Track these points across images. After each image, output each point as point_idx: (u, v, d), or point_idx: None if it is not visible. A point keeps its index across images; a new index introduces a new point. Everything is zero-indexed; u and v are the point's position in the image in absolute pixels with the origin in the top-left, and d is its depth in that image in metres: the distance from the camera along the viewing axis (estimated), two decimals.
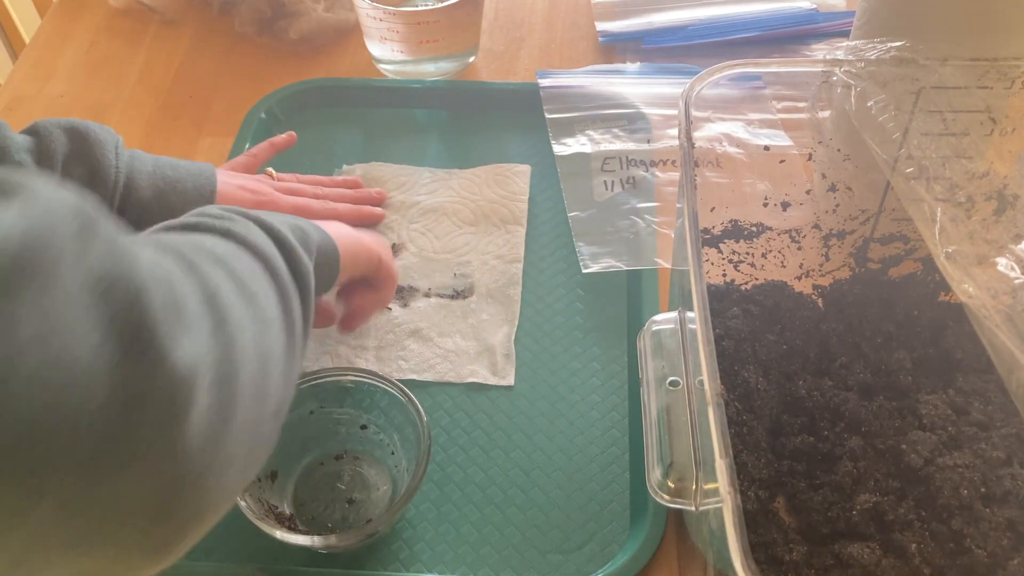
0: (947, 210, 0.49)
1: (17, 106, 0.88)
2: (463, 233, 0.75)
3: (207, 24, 0.96)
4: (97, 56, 0.93)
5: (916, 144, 0.53)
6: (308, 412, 0.60)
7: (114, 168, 0.63)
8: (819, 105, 0.61)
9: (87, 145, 0.63)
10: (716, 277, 0.65)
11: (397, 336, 0.68)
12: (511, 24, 0.95)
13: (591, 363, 0.67)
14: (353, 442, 0.61)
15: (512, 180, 0.79)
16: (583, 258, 0.72)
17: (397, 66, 0.87)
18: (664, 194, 0.76)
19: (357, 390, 0.60)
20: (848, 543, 0.50)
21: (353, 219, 0.74)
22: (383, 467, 0.60)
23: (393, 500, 0.58)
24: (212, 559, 0.58)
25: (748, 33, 0.90)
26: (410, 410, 0.57)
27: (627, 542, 0.57)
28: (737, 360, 0.57)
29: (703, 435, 0.44)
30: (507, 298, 0.71)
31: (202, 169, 0.68)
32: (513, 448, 0.63)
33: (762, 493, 0.52)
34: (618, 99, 0.83)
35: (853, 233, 0.64)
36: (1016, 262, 0.48)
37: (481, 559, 0.57)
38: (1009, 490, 0.50)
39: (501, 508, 0.60)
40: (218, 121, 0.86)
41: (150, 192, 0.65)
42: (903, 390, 0.58)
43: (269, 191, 0.70)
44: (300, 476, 0.60)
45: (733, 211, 0.63)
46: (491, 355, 0.67)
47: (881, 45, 0.55)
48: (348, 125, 0.85)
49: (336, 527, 0.58)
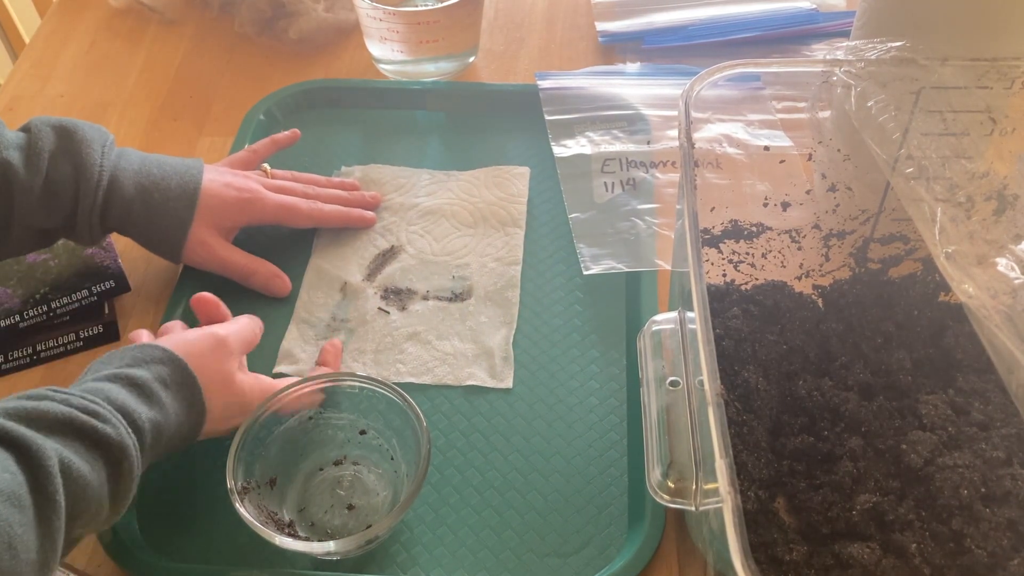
0: (947, 210, 0.49)
1: (17, 106, 0.88)
2: (462, 235, 0.75)
3: (207, 24, 0.96)
4: (97, 56, 0.93)
5: (916, 144, 0.53)
6: (307, 418, 0.60)
7: (98, 166, 0.64)
8: (819, 105, 0.61)
9: (74, 143, 0.63)
10: (716, 277, 0.65)
11: (395, 339, 0.68)
12: (511, 24, 0.95)
13: (589, 366, 0.67)
14: (353, 447, 0.61)
15: (511, 182, 0.79)
16: (584, 260, 0.72)
17: (397, 66, 0.87)
18: (664, 195, 0.76)
19: (356, 395, 0.59)
20: (848, 543, 0.50)
21: (340, 222, 0.75)
22: (383, 472, 0.60)
23: (393, 505, 0.57)
24: (213, 564, 0.58)
25: (748, 33, 0.90)
26: (409, 415, 0.57)
27: (625, 545, 0.57)
28: (737, 360, 0.57)
29: (703, 435, 0.44)
30: (505, 300, 0.70)
31: (189, 167, 0.69)
32: (511, 451, 0.62)
33: (762, 493, 0.52)
34: (618, 100, 0.83)
35: (853, 233, 0.64)
36: (1016, 262, 0.48)
37: (479, 562, 0.57)
38: (1009, 490, 0.50)
39: (499, 511, 0.60)
40: (218, 121, 0.86)
41: (133, 190, 0.65)
42: (903, 390, 0.57)
43: (256, 188, 0.70)
44: (300, 482, 0.60)
45: (733, 211, 0.63)
46: (489, 358, 0.67)
47: (881, 45, 0.55)
48: (347, 126, 0.85)
49: (336, 533, 0.57)
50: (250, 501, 0.55)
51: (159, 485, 0.61)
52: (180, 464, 0.62)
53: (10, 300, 0.70)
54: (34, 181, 0.62)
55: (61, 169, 0.63)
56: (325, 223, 0.74)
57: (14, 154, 0.62)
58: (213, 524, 0.59)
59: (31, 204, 0.62)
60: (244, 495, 0.54)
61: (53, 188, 0.63)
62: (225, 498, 0.60)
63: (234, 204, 0.69)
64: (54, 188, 0.63)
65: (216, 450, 0.63)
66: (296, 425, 0.59)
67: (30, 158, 0.62)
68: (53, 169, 0.63)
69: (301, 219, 0.73)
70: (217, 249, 0.69)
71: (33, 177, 0.62)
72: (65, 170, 0.63)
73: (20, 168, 0.62)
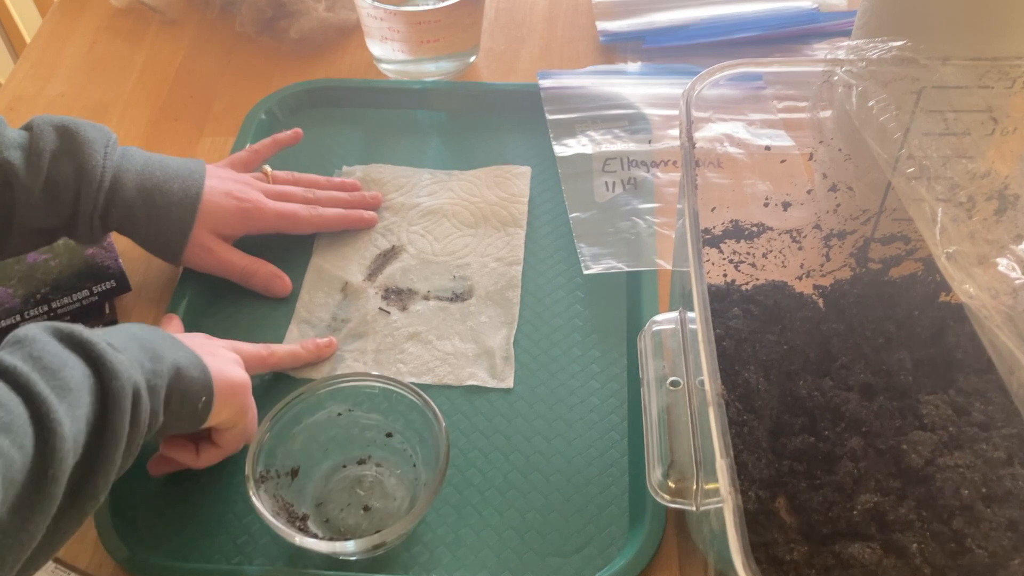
0: (948, 210, 0.49)
1: (18, 106, 0.88)
2: (462, 235, 0.75)
3: (207, 24, 0.96)
4: (97, 56, 0.93)
5: (917, 144, 0.53)
6: (336, 414, 0.60)
7: (100, 167, 0.64)
8: (820, 105, 0.61)
9: (76, 143, 0.63)
10: (717, 277, 0.64)
11: (396, 340, 0.68)
12: (512, 24, 0.95)
13: (590, 365, 0.67)
14: (377, 448, 0.61)
15: (512, 182, 0.79)
16: (584, 259, 0.72)
17: (398, 66, 0.87)
18: (665, 195, 0.76)
19: (384, 397, 0.59)
20: (849, 543, 0.50)
21: (341, 225, 0.74)
22: (404, 477, 0.60)
23: (408, 512, 0.56)
24: (214, 564, 0.58)
25: (749, 33, 0.90)
26: (429, 417, 0.57)
27: (626, 545, 0.57)
28: (738, 360, 0.57)
29: (704, 435, 0.44)
30: (506, 300, 0.70)
31: (192, 170, 0.68)
32: (512, 451, 0.62)
33: (763, 493, 0.52)
34: (618, 100, 0.83)
35: (854, 233, 0.63)
36: (1017, 262, 0.48)
37: (480, 562, 0.57)
38: (1010, 490, 0.50)
39: (499, 511, 0.60)
40: (218, 121, 0.86)
41: (135, 192, 0.65)
42: (904, 390, 0.57)
43: (256, 197, 0.70)
44: (321, 477, 0.60)
45: (734, 211, 0.63)
46: (490, 358, 0.67)
47: (882, 45, 0.55)
48: (348, 126, 0.85)
49: (348, 532, 0.57)
50: (266, 491, 0.55)
51: (159, 485, 0.61)
52: None
53: (10, 300, 0.70)
54: (35, 181, 0.62)
55: (62, 169, 0.63)
56: (326, 228, 0.74)
57: (15, 154, 0.62)
58: (214, 524, 0.59)
59: (32, 204, 0.62)
60: (261, 484, 0.54)
61: (54, 189, 0.62)
62: (228, 497, 0.60)
63: (235, 214, 0.69)
64: (55, 189, 0.63)
65: None
66: (325, 419, 0.59)
67: (31, 158, 0.62)
68: (54, 169, 0.62)
69: (302, 226, 0.72)
70: (217, 252, 0.69)
71: (34, 177, 0.62)
72: (66, 171, 0.63)
73: (21, 168, 0.62)
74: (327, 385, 0.59)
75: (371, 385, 0.59)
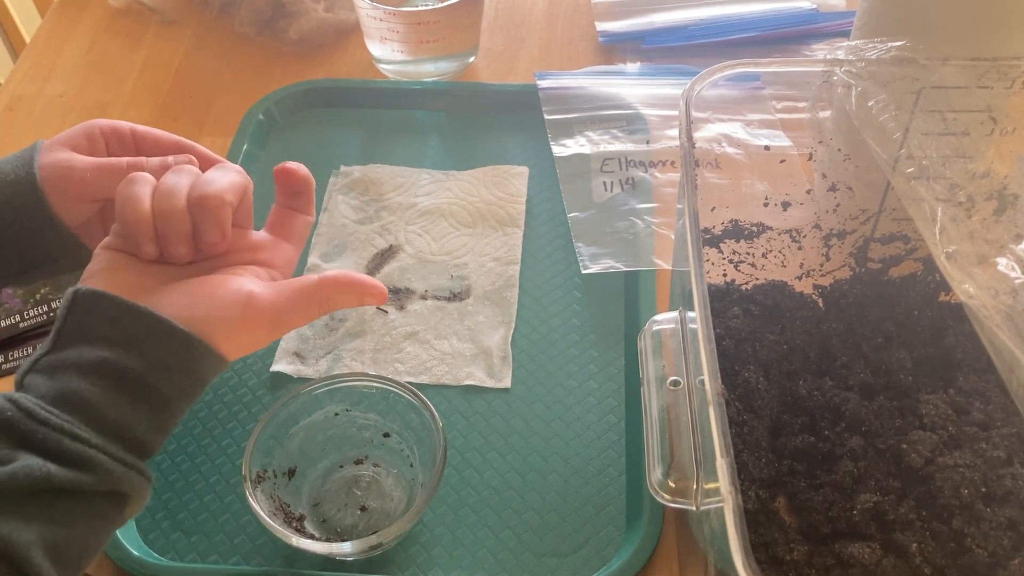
0: (947, 210, 0.49)
1: (17, 106, 0.88)
2: (460, 235, 0.75)
3: (207, 24, 0.96)
4: (97, 56, 0.93)
5: (916, 144, 0.53)
6: (333, 414, 0.60)
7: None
8: (819, 105, 0.61)
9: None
10: (716, 277, 0.64)
11: (393, 339, 0.68)
12: (511, 24, 0.95)
13: (588, 365, 0.67)
14: (375, 448, 0.61)
15: (510, 182, 0.79)
16: (583, 259, 0.72)
17: (397, 66, 0.87)
18: (663, 195, 0.76)
19: (381, 397, 0.59)
20: (849, 543, 0.49)
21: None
22: (401, 478, 0.60)
23: (405, 513, 0.56)
24: (213, 564, 0.58)
25: (748, 33, 0.90)
26: (426, 416, 0.57)
27: (623, 545, 0.57)
28: (738, 360, 0.57)
29: (704, 435, 0.43)
30: (504, 300, 0.70)
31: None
32: (509, 451, 0.62)
33: (763, 493, 0.52)
34: (616, 100, 0.83)
35: (853, 233, 0.63)
36: (1016, 262, 0.48)
37: (477, 562, 0.57)
38: (1010, 490, 0.50)
39: (497, 511, 0.59)
40: (218, 121, 0.86)
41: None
42: (903, 390, 0.57)
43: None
44: (318, 477, 0.59)
45: (733, 211, 0.62)
46: (488, 357, 0.67)
47: (881, 45, 0.55)
48: (347, 126, 0.85)
49: (345, 532, 0.57)
50: (263, 491, 0.55)
51: (159, 485, 0.60)
52: (181, 464, 0.62)
53: (10, 300, 0.70)
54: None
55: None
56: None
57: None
58: (211, 524, 0.59)
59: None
60: (257, 484, 0.54)
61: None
62: (226, 497, 0.60)
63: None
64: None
65: (217, 450, 0.63)
66: (322, 419, 0.59)
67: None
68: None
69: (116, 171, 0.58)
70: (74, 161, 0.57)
71: None
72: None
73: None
74: (324, 385, 0.59)
75: (368, 385, 0.59)
